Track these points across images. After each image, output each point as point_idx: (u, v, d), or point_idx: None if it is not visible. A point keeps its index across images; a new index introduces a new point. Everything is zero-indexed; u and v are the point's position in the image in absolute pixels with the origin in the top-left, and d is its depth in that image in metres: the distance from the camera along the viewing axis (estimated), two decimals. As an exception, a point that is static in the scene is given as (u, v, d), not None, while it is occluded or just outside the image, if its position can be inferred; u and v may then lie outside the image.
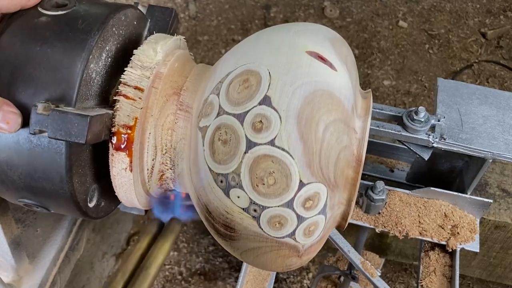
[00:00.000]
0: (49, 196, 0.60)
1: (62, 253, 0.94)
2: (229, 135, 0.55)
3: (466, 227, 0.87)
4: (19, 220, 0.92)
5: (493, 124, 0.85)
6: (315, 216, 0.56)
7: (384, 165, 1.02)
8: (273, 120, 0.53)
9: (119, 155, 0.60)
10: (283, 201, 0.54)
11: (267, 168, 0.53)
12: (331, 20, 2.14)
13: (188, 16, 2.15)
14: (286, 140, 0.53)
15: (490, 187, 0.99)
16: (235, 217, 0.57)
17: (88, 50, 0.58)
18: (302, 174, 0.54)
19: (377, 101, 1.86)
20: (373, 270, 0.85)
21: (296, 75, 0.55)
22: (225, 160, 0.55)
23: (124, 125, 0.59)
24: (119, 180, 0.62)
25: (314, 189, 0.55)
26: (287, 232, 0.56)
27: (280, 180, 0.54)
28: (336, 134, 0.55)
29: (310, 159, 0.54)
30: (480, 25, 2.15)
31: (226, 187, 0.55)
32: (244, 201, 0.55)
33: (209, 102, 0.58)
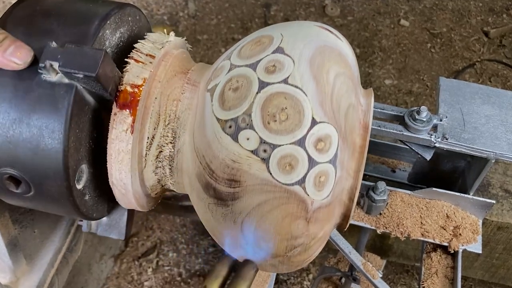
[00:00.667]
0: (38, 155, 0.57)
1: (60, 254, 0.94)
2: (240, 82, 0.56)
3: (468, 228, 0.87)
4: (17, 221, 0.92)
5: (496, 124, 0.85)
6: (325, 164, 0.55)
7: (385, 165, 1.02)
8: (286, 63, 0.55)
9: (122, 114, 0.59)
10: (295, 138, 0.54)
11: (279, 105, 0.54)
12: (332, 19, 2.14)
13: (187, 15, 2.15)
14: (300, 79, 0.55)
15: (493, 188, 0.99)
16: (243, 164, 0.55)
17: (107, 15, 0.60)
18: (314, 111, 0.54)
19: (378, 101, 1.86)
20: (374, 272, 0.85)
21: (307, 34, 0.59)
22: (235, 105, 0.55)
23: (132, 84, 0.59)
24: (117, 146, 0.60)
25: (326, 130, 0.55)
26: (298, 178, 0.54)
27: (293, 116, 0.53)
28: (346, 86, 0.58)
29: (322, 98, 0.55)
30: (483, 24, 2.15)
31: (235, 131, 0.55)
32: (254, 142, 0.54)
33: (220, 67, 0.60)
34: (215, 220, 0.60)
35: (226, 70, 0.58)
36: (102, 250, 1.34)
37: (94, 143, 0.63)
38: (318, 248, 0.62)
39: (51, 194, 0.61)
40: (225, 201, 0.57)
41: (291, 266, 0.62)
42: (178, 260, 1.49)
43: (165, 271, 1.47)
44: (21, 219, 0.93)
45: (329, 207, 0.58)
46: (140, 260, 1.48)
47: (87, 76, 0.54)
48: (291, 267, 0.63)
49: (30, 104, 0.56)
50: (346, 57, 0.60)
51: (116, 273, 1.45)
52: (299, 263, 0.62)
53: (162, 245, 1.52)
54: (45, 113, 0.56)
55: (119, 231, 0.72)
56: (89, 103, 0.60)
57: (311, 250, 0.61)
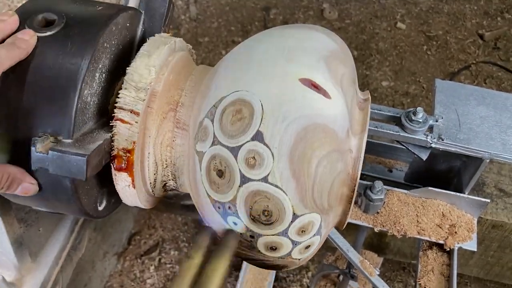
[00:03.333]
0: (61, 208, 0.63)
1: (64, 252, 0.94)
2: (223, 166, 0.55)
3: (463, 227, 0.87)
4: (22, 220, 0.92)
5: (491, 125, 0.85)
6: (310, 239, 0.58)
7: (382, 165, 1.02)
8: (265, 157, 0.53)
9: (121, 175, 0.60)
10: (278, 231, 0.56)
11: (261, 202, 0.55)
12: (330, 22, 2.14)
13: (189, 18, 2.15)
14: (279, 178, 0.54)
15: (488, 187, 0.99)
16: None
17: (80, 79, 0.56)
18: (295, 208, 0.55)
19: (375, 102, 1.86)
20: (371, 269, 0.85)
21: (289, 110, 0.54)
22: (221, 190, 0.56)
23: (123, 149, 0.59)
24: (124, 193, 0.63)
25: (308, 219, 0.56)
26: (283, 254, 0.59)
27: (275, 214, 0.55)
28: (329, 166, 0.55)
29: (303, 195, 0.55)
30: (478, 27, 2.15)
31: (224, 213, 0.57)
32: (241, 228, 0.57)
33: (204, 127, 0.58)
34: None
35: (210, 141, 0.56)
36: (105, 248, 1.34)
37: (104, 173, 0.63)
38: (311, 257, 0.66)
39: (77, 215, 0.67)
40: None
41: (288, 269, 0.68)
42: (180, 258, 1.49)
43: (167, 269, 1.47)
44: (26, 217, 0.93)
45: (320, 243, 0.62)
46: (143, 258, 1.48)
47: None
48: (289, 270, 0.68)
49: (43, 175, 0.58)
50: (332, 128, 0.55)
51: (119, 270, 1.45)
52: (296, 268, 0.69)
53: (164, 243, 1.52)
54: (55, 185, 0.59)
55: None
56: None
57: (306, 261, 0.65)
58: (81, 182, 0.59)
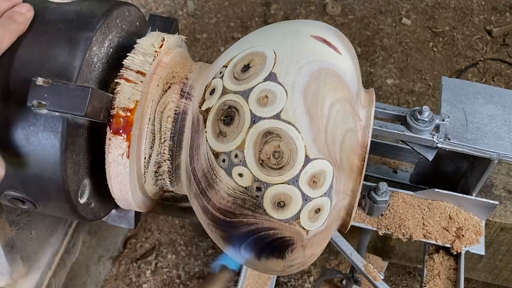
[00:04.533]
0: (39, 183, 0.59)
1: (57, 256, 0.94)
2: (232, 111, 0.55)
3: (471, 230, 0.87)
4: (13, 222, 0.92)
5: (499, 124, 0.85)
6: (320, 198, 0.55)
7: (387, 166, 1.02)
8: (278, 94, 0.54)
9: (117, 139, 0.59)
10: (288, 178, 0.54)
11: (272, 142, 0.53)
12: (333, 17, 2.14)
13: (187, 14, 2.15)
14: (292, 114, 0.53)
15: (496, 189, 0.99)
16: (237, 198, 0.56)
17: (92, 31, 0.58)
18: (308, 148, 0.54)
19: (380, 100, 1.87)
20: (376, 274, 0.85)
21: (302, 54, 0.56)
22: (228, 138, 0.55)
23: (124, 108, 0.59)
24: (115, 169, 0.61)
25: (320, 166, 0.54)
26: (291, 214, 0.55)
27: (286, 154, 0.53)
28: (342, 113, 0.56)
29: (316, 134, 0.54)
30: (486, 23, 2.15)
31: (229, 166, 0.55)
32: (247, 180, 0.54)
33: (212, 86, 0.58)
34: (215, 238, 0.62)
35: (219, 93, 0.57)
36: (100, 251, 1.34)
37: (93, 155, 0.63)
38: (315, 259, 0.65)
39: (56, 209, 0.64)
40: (223, 227, 0.59)
41: (290, 273, 0.65)
42: (177, 262, 1.49)
43: (164, 273, 1.47)
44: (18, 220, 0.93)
45: (325, 231, 0.60)
46: (139, 262, 1.48)
47: (76, 115, 0.54)
48: (291, 273, 0.65)
49: (26, 135, 0.57)
50: (343, 78, 0.58)
51: (114, 275, 1.45)
52: (298, 271, 0.67)
53: (161, 246, 1.52)
54: (42, 144, 0.57)
55: (129, 221, 0.74)
56: (83, 126, 0.61)
57: (309, 263, 0.64)
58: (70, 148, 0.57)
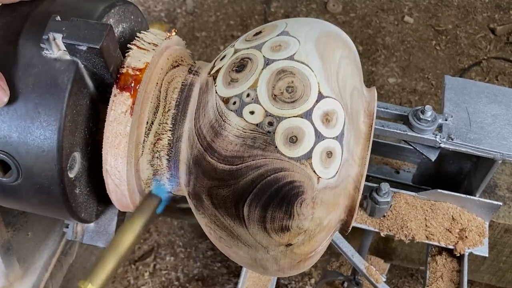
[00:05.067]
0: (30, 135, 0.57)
1: (54, 258, 0.94)
2: (245, 61, 0.57)
3: (474, 231, 0.87)
4: (10, 224, 0.92)
5: (503, 124, 0.85)
6: (332, 140, 0.55)
7: (389, 166, 1.02)
8: (291, 43, 0.57)
9: (122, 96, 0.59)
10: (301, 111, 0.54)
11: (285, 79, 0.55)
12: (334, 15, 2.14)
13: (185, 11, 2.15)
14: (305, 56, 0.56)
15: (500, 189, 0.99)
16: (246, 139, 0.55)
17: (113, 4, 0.61)
18: (321, 85, 0.55)
19: (382, 100, 1.87)
20: (378, 276, 0.85)
21: (311, 21, 0.62)
22: (240, 82, 0.56)
23: (133, 67, 0.60)
24: (114, 129, 0.59)
25: (333, 106, 0.55)
26: (304, 151, 0.54)
27: (299, 89, 0.55)
28: (350, 69, 0.59)
29: (329, 75, 0.56)
30: (489, 21, 2.15)
31: (240, 106, 0.55)
32: (259, 116, 0.54)
33: (224, 53, 0.61)
34: (215, 206, 0.59)
35: (230, 55, 0.60)
36: (97, 253, 1.34)
37: (89, 133, 0.62)
38: (322, 241, 0.61)
39: (40, 181, 0.59)
40: (227, 181, 0.56)
41: (294, 261, 0.61)
42: (176, 264, 1.49)
43: (162, 275, 1.47)
44: (14, 221, 0.93)
45: (335, 190, 0.57)
46: (137, 264, 1.48)
47: (90, 49, 0.54)
48: (294, 263, 0.61)
49: (28, 79, 0.57)
50: (350, 45, 0.63)
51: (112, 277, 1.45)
52: (302, 258, 0.61)
53: (159, 248, 1.52)
54: (43, 89, 0.56)
55: (107, 238, 0.68)
56: (88, 86, 0.60)
57: (315, 241, 0.60)
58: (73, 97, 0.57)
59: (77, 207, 0.64)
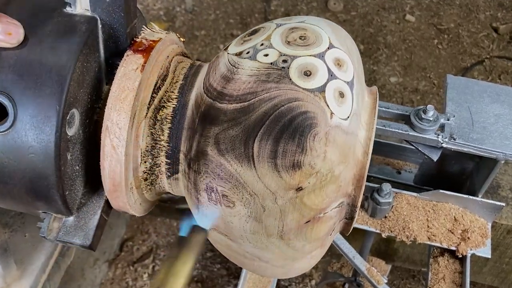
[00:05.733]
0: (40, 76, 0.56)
1: (52, 259, 0.94)
2: (258, 29, 0.62)
3: (477, 232, 0.87)
4: (7, 225, 0.92)
5: (506, 123, 0.85)
6: (344, 83, 0.57)
7: (390, 166, 1.02)
8: (302, 17, 0.63)
9: (135, 56, 0.60)
10: (315, 52, 0.57)
11: (298, 31, 0.59)
12: (335, 14, 2.14)
13: (184, 10, 2.15)
14: (316, 22, 0.61)
15: (503, 190, 0.99)
16: (260, 75, 0.56)
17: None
18: (331, 39, 0.59)
19: (383, 99, 1.87)
20: (379, 277, 0.85)
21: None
22: (253, 39, 0.60)
23: (147, 39, 0.62)
24: (123, 83, 0.59)
25: (344, 56, 0.59)
26: (318, 85, 0.55)
27: (312, 38, 0.58)
28: (355, 49, 0.63)
29: (338, 37, 0.61)
30: (492, 19, 2.15)
31: (253, 53, 0.58)
32: (273, 56, 0.57)
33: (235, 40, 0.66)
34: (221, 153, 0.56)
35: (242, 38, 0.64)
36: (96, 254, 1.34)
37: (90, 104, 0.61)
38: (331, 201, 0.58)
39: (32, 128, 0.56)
40: (237, 119, 0.56)
41: (302, 219, 0.57)
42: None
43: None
44: (11, 222, 0.93)
45: (346, 136, 0.57)
46: (136, 265, 1.48)
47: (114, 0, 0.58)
48: (301, 222, 0.57)
49: (46, 27, 0.58)
50: (355, 50, 0.65)
51: (110, 278, 1.45)
52: (310, 217, 0.57)
53: (158, 249, 1.52)
54: (60, 34, 0.58)
55: (85, 234, 0.63)
56: (99, 52, 0.61)
57: (325, 194, 0.57)
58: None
59: (63, 177, 0.59)
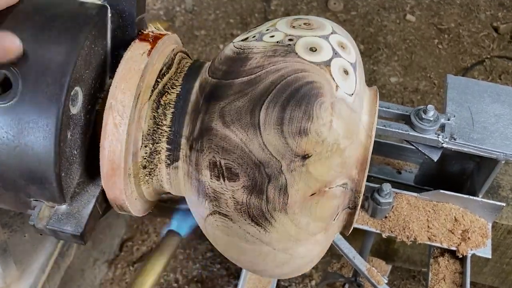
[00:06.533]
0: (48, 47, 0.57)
1: (51, 259, 0.94)
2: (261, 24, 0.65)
3: (477, 232, 0.87)
4: (6, 225, 0.92)
5: (506, 123, 0.85)
6: (348, 63, 0.59)
7: (391, 166, 1.02)
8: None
9: (142, 43, 0.61)
10: (319, 34, 0.60)
11: (301, 20, 0.62)
12: (335, 14, 2.14)
13: (184, 10, 2.15)
14: (319, 18, 0.64)
15: (503, 190, 0.99)
16: (267, 51, 0.58)
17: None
18: (334, 29, 0.62)
19: (383, 99, 1.86)
20: (379, 277, 0.85)
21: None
22: (260, 27, 0.63)
23: (154, 32, 0.64)
24: (129, 64, 0.60)
25: (347, 42, 0.62)
26: (323, 59, 0.58)
27: (316, 25, 0.61)
28: (357, 51, 0.65)
29: (340, 31, 0.63)
30: (492, 19, 2.15)
31: (260, 36, 0.60)
32: (279, 36, 0.59)
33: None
34: (226, 125, 0.57)
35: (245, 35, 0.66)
36: (95, 255, 1.34)
37: (93, 91, 0.62)
38: (336, 175, 0.57)
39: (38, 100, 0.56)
40: (244, 91, 0.57)
41: (307, 190, 0.56)
42: (175, 266, 1.50)
43: (161, 277, 1.47)
44: (10, 223, 0.93)
45: (351, 113, 0.57)
46: (135, 266, 1.48)
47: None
48: (307, 194, 0.56)
49: (56, 11, 0.59)
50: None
51: (110, 279, 1.45)
52: (316, 189, 0.56)
53: (158, 250, 1.52)
54: (69, 18, 0.59)
55: (78, 222, 0.61)
56: (106, 40, 0.62)
57: (331, 165, 0.57)
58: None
59: (62, 155, 0.58)
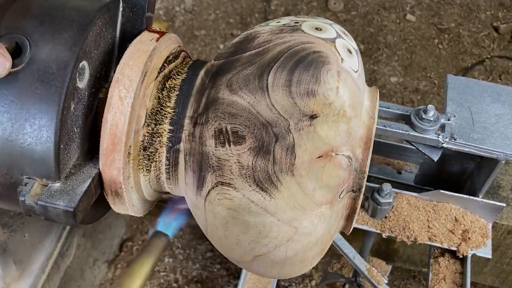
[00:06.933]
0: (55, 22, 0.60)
1: (51, 259, 0.94)
2: None
3: (477, 232, 0.87)
4: (6, 225, 0.92)
5: (506, 123, 0.85)
6: (352, 46, 0.62)
7: (391, 166, 1.02)
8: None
9: (150, 33, 0.64)
10: (323, 21, 0.63)
11: (304, 17, 0.65)
12: (335, 14, 2.14)
13: (184, 10, 2.15)
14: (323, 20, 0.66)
15: (503, 190, 0.99)
16: (274, 30, 0.61)
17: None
18: (337, 29, 0.64)
19: (383, 99, 1.86)
20: (379, 278, 0.85)
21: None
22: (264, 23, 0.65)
23: (160, 28, 0.66)
24: (138, 46, 0.62)
25: (348, 33, 0.65)
26: (329, 36, 0.61)
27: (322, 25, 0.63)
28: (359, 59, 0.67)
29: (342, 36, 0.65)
30: (493, 19, 2.15)
31: (265, 24, 0.63)
32: (285, 21, 0.63)
33: None
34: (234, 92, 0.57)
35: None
36: (95, 255, 1.34)
37: (99, 76, 0.64)
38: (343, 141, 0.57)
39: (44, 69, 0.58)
40: (252, 61, 0.58)
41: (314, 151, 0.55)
42: (175, 266, 1.49)
43: (161, 277, 1.47)
44: (10, 223, 0.93)
45: (355, 88, 0.59)
46: (135, 266, 1.48)
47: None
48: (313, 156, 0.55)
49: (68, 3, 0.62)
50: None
51: (110, 279, 1.45)
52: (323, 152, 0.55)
53: (158, 250, 1.52)
54: (81, 3, 0.62)
55: (71, 198, 0.60)
56: (116, 31, 0.64)
57: (338, 130, 0.56)
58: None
59: (63, 125, 0.59)
